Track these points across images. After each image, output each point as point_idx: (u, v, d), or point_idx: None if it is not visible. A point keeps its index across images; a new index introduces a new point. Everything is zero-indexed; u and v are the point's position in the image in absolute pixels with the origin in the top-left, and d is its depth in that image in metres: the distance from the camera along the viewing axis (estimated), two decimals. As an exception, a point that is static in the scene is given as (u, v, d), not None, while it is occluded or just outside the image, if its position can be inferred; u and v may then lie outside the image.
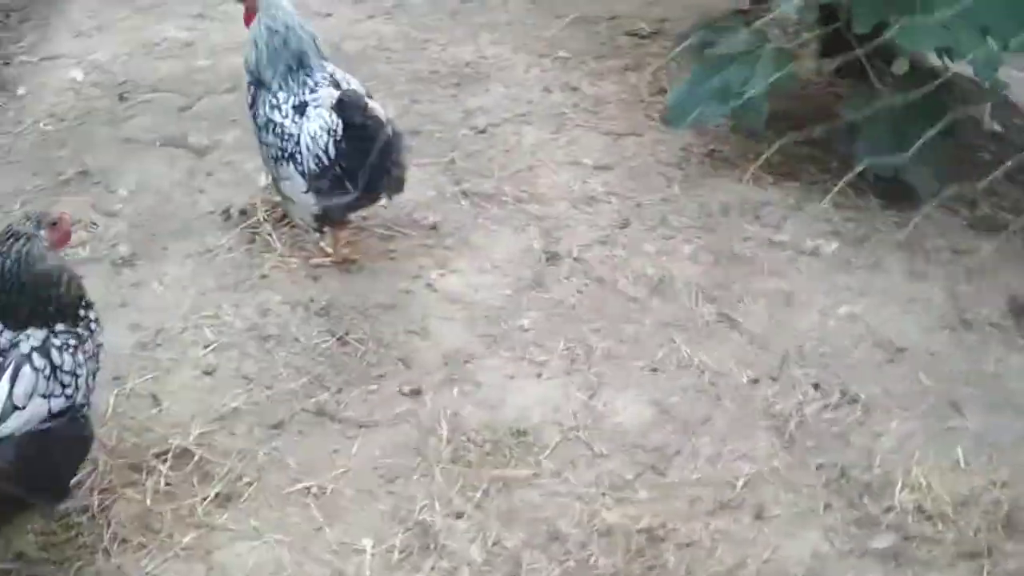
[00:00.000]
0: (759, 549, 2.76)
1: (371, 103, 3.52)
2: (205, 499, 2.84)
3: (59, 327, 2.59)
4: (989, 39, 3.58)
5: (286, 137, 3.53)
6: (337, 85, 3.65)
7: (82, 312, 2.68)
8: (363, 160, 3.46)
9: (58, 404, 2.54)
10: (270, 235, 4.03)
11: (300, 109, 3.56)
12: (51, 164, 4.50)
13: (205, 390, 3.27)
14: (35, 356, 2.50)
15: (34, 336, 2.53)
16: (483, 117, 5.01)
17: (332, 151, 3.46)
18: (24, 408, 2.45)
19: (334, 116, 3.44)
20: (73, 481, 2.78)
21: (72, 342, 2.60)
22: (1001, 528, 2.79)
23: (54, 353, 2.53)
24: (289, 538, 2.75)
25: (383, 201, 3.84)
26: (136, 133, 4.79)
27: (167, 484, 2.88)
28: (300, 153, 3.50)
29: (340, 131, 3.45)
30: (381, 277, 3.83)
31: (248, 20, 3.67)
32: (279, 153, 3.56)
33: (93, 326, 2.73)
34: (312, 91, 3.60)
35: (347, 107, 3.43)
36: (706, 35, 4.50)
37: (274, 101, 3.59)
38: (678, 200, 4.36)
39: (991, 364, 3.46)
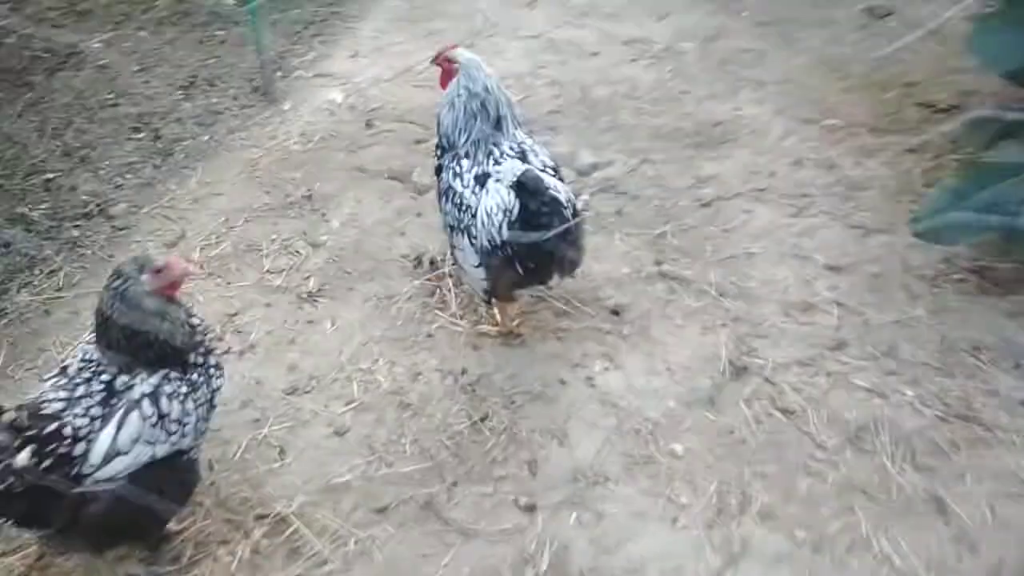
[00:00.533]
0: None
1: (552, 185, 3.23)
2: (283, 579, 2.74)
3: (172, 373, 2.60)
4: None
5: (463, 208, 3.35)
6: (524, 157, 3.40)
7: (195, 359, 2.68)
8: (535, 245, 3.18)
9: (163, 450, 2.57)
10: (449, 291, 3.90)
11: (481, 180, 3.36)
12: (284, 185, 4.73)
13: (329, 452, 3.20)
14: (145, 403, 2.53)
15: (147, 382, 2.56)
16: (713, 187, 4.52)
17: (504, 232, 3.21)
18: (127, 454, 2.49)
19: (511, 196, 3.19)
20: (174, 525, 2.83)
21: (183, 390, 2.62)
22: None
23: (163, 401, 2.56)
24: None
25: (554, 282, 3.54)
26: (368, 163, 4.90)
27: (255, 552, 2.84)
28: (475, 227, 3.29)
29: (515, 212, 3.19)
30: (541, 359, 3.54)
31: (444, 81, 3.53)
32: (455, 223, 3.39)
33: (212, 371, 2.73)
34: (497, 163, 3.38)
35: (525, 188, 3.16)
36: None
37: (457, 169, 3.42)
38: (917, 325, 3.60)
39: None
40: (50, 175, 4.99)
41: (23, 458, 2.28)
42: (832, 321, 3.64)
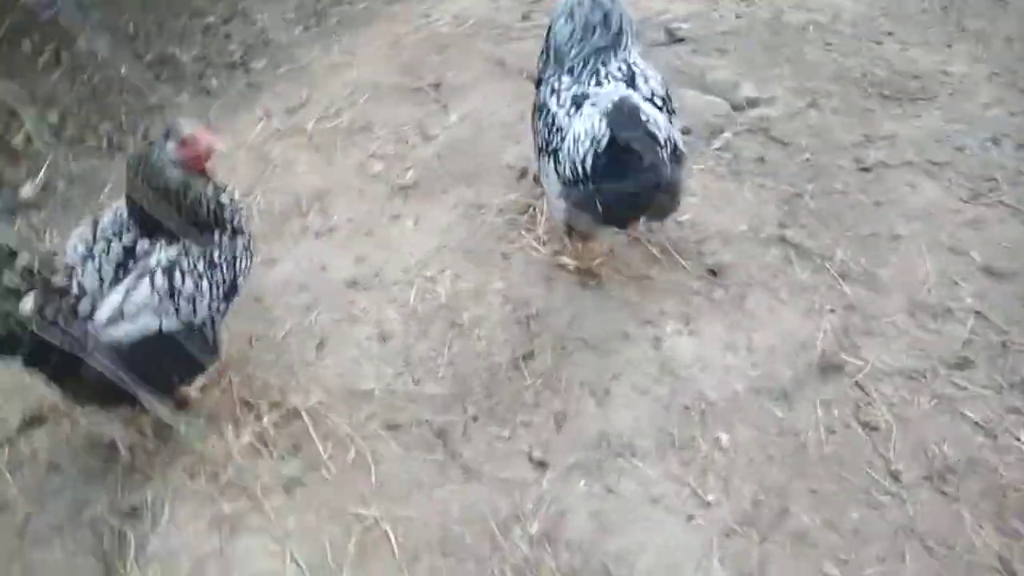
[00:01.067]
0: None
1: (652, 119, 2.83)
2: (274, 475, 2.70)
3: (193, 248, 2.55)
4: None
5: (554, 129, 3.01)
6: (631, 81, 3.00)
7: (220, 237, 2.60)
8: (619, 184, 2.83)
9: (169, 324, 2.55)
10: (541, 213, 3.62)
11: (579, 101, 2.99)
12: (418, 67, 4.55)
13: (366, 355, 3.10)
14: (158, 273, 2.50)
15: (166, 252, 2.53)
16: (883, 150, 3.89)
17: (589, 163, 2.86)
18: (133, 321, 2.48)
19: (603, 123, 2.81)
20: (195, 392, 2.85)
21: (200, 267, 2.56)
22: None
23: (177, 275, 2.52)
24: (303, 557, 2.52)
25: (641, 228, 3.17)
26: (510, 57, 4.60)
27: (259, 438, 2.82)
28: (562, 152, 2.96)
29: (604, 143, 2.80)
30: (611, 306, 3.23)
31: None
32: (543, 144, 3.07)
33: (239, 252, 2.66)
34: (599, 83, 3.00)
35: (619, 119, 2.76)
36: None
37: (556, 85, 3.07)
38: (1070, 364, 2.95)
39: None
40: (211, 18, 5.08)
41: (27, 304, 2.30)
42: (963, 334, 3.05)
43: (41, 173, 3.94)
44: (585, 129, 2.86)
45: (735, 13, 4.88)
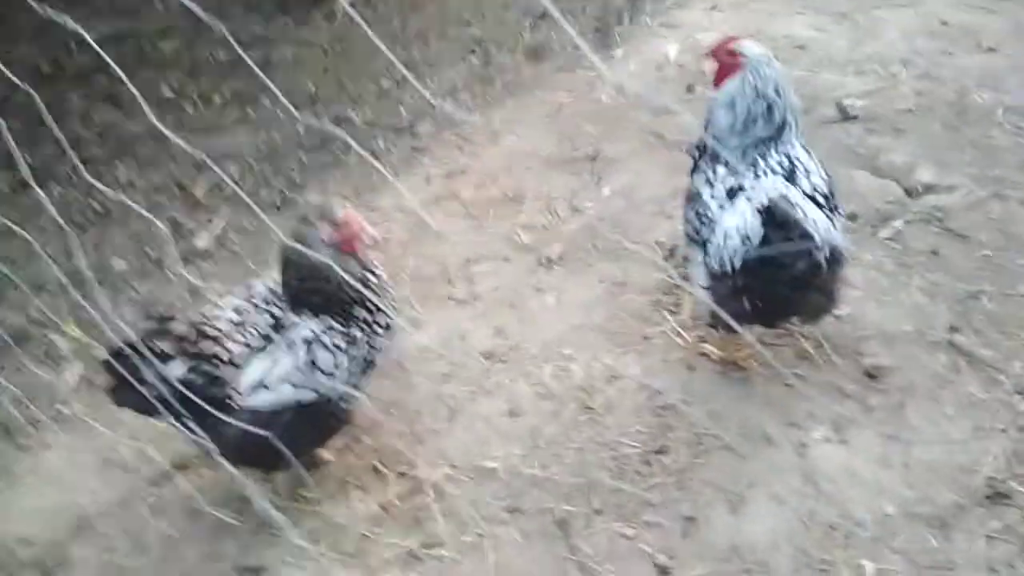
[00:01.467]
0: None
1: (811, 218, 2.68)
2: (393, 549, 2.71)
3: (336, 324, 2.63)
4: None
5: (705, 220, 2.92)
6: (791, 176, 2.86)
7: (361, 314, 2.67)
8: (769, 287, 2.70)
9: (307, 397, 2.62)
10: (688, 296, 3.50)
11: (732, 194, 2.89)
12: (576, 137, 4.56)
13: (494, 431, 3.08)
14: (301, 346, 2.58)
15: (308, 326, 2.61)
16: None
17: (738, 260, 2.75)
18: (273, 391, 2.57)
19: (756, 221, 2.70)
20: (328, 455, 2.91)
21: (342, 344, 2.63)
22: None
23: (318, 351, 2.60)
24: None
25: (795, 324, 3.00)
26: (671, 130, 4.54)
27: (383, 509, 2.84)
28: (711, 244, 2.87)
29: (755, 242, 2.70)
30: (755, 404, 3.06)
31: (721, 76, 3.04)
32: (693, 234, 2.98)
33: (379, 331, 2.72)
34: (756, 176, 2.88)
35: (772, 218, 2.64)
36: None
37: (711, 175, 2.97)
38: None
39: None
40: (385, 84, 5.31)
41: (179, 370, 2.43)
42: None
43: (217, 225, 4.21)
44: (737, 225, 2.75)
45: (916, 90, 4.61)
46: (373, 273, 2.71)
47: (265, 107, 5.07)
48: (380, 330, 2.73)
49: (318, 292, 2.59)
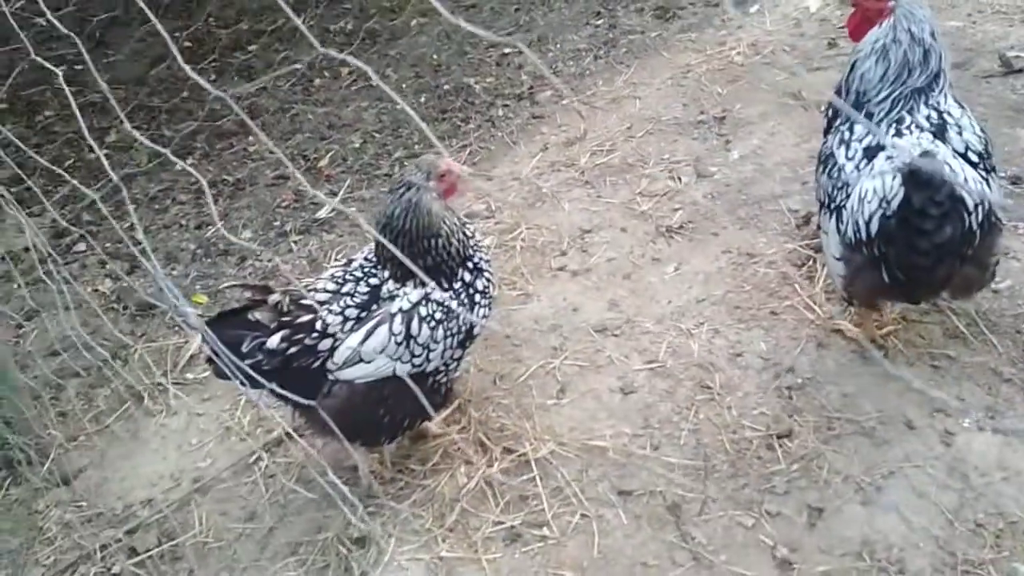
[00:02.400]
0: None
1: (961, 180, 2.38)
2: (497, 525, 2.62)
3: (434, 294, 2.55)
4: None
5: (839, 185, 2.64)
6: (941, 133, 2.54)
7: (463, 275, 2.58)
8: (911, 253, 2.41)
9: (403, 369, 2.55)
10: (820, 267, 3.23)
11: (871, 154, 2.60)
12: (704, 99, 4.31)
13: (605, 408, 2.93)
14: (397, 319, 2.51)
15: (407, 298, 2.54)
16: None
17: (874, 226, 2.47)
18: (369, 363, 2.52)
19: (896, 182, 2.41)
20: (436, 428, 2.86)
21: (438, 316, 2.55)
22: None
23: (415, 323, 2.52)
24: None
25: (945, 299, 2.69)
26: (808, 90, 4.20)
27: (487, 484, 2.75)
28: (846, 210, 2.59)
29: (894, 206, 2.41)
30: (896, 387, 2.78)
31: (861, 23, 2.73)
32: (826, 199, 2.71)
33: (478, 298, 2.62)
34: (899, 134, 2.58)
35: (916, 181, 2.34)
36: None
37: (847, 134, 2.68)
38: None
39: None
40: (506, 50, 5.19)
41: (275, 341, 2.42)
42: None
43: (338, 196, 4.23)
44: (875, 187, 2.47)
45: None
46: (465, 222, 2.62)
47: (389, 79, 5.05)
48: (479, 298, 2.62)
49: (430, 251, 2.50)
